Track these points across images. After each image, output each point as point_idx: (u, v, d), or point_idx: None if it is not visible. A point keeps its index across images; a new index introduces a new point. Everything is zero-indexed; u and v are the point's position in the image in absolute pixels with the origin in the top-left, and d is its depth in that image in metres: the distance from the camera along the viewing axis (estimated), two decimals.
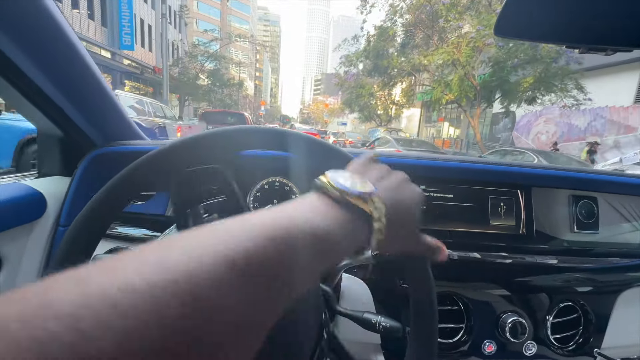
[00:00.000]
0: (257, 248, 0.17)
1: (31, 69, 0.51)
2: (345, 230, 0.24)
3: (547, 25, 0.49)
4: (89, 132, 0.66)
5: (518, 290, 0.72)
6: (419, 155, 0.80)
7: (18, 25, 0.45)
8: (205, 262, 0.15)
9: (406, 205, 0.30)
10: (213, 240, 0.17)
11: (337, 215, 0.24)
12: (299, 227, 0.20)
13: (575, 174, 0.77)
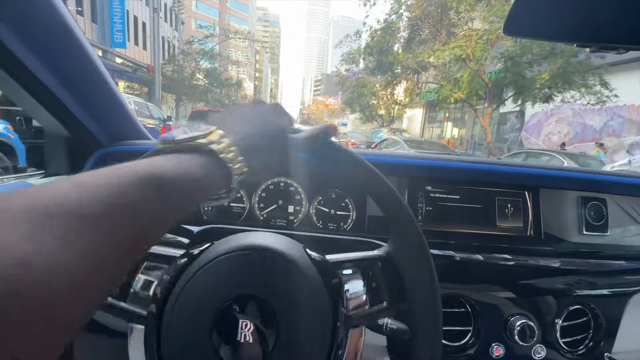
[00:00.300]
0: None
1: (39, 69, 0.51)
2: (189, 169, 0.27)
3: (557, 23, 0.49)
4: (95, 131, 0.67)
5: (526, 292, 0.70)
6: (423, 155, 0.77)
7: (27, 24, 0.46)
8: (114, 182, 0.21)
9: (262, 131, 0.34)
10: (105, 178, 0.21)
11: (177, 161, 0.27)
12: (147, 174, 0.23)
13: (584, 175, 0.76)
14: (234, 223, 0.74)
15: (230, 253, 0.32)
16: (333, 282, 0.35)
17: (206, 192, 0.29)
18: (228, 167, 0.30)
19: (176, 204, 0.25)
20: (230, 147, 0.30)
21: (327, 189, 0.77)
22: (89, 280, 0.18)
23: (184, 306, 0.30)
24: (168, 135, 0.30)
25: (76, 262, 0.17)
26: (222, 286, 0.31)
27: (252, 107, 0.38)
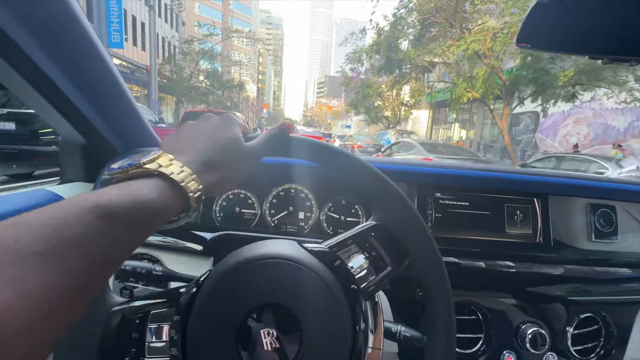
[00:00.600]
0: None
1: (57, 75, 0.51)
2: (139, 196, 0.26)
3: (569, 36, 0.50)
4: (110, 139, 0.67)
5: (537, 300, 0.71)
6: (432, 163, 0.78)
7: (45, 30, 0.46)
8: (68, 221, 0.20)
9: (214, 145, 0.34)
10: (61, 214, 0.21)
11: (125, 189, 0.26)
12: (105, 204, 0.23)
13: (592, 183, 0.76)
14: (245, 229, 0.75)
15: (231, 272, 0.32)
16: (336, 264, 0.35)
17: (161, 215, 0.28)
18: (181, 187, 0.29)
19: (128, 231, 0.25)
20: (182, 167, 0.30)
21: (337, 196, 0.78)
22: (38, 322, 0.17)
23: (204, 337, 0.31)
24: (117, 164, 0.29)
25: (21, 303, 0.16)
26: (234, 305, 0.32)
27: (201, 122, 0.37)
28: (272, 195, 0.78)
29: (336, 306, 0.32)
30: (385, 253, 0.41)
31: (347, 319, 0.33)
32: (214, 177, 0.33)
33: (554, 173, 0.78)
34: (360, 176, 0.41)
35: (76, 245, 0.20)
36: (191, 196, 0.30)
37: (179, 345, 0.32)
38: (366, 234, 0.41)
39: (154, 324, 0.36)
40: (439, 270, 0.40)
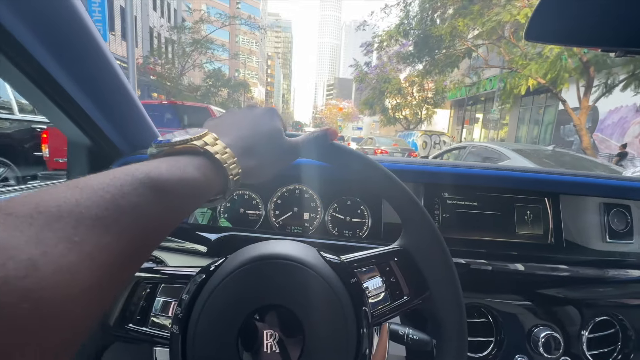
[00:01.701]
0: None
1: (63, 77, 0.51)
2: (186, 172, 0.26)
3: (581, 28, 0.49)
4: (116, 140, 0.67)
5: (549, 302, 0.69)
6: (438, 162, 0.75)
7: (51, 31, 0.46)
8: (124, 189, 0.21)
9: (256, 132, 0.35)
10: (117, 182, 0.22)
11: (174, 163, 0.26)
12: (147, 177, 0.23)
13: (606, 182, 0.73)
14: (250, 230, 0.74)
15: (246, 265, 0.32)
16: (352, 282, 0.34)
17: (203, 193, 0.28)
18: (224, 168, 0.30)
19: (175, 205, 0.25)
20: (225, 149, 0.30)
21: (342, 196, 0.77)
22: (95, 283, 0.18)
23: (207, 323, 0.31)
24: (163, 139, 0.30)
25: (82, 264, 0.17)
26: (243, 299, 0.31)
27: (245, 110, 0.38)
28: (277, 195, 0.77)
29: (344, 324, 0.32)
30: (405, 282, 0.39)
31: (352, 340, 0.32)
32: (252, 163, 0.34)
33: (565, 172, 0.75)
34: (396, 197, 0.40)
35: (130, 214, 0.21)
36: (231, 179, 0.30)
37: (180, 325, 0.31)
38: (388, 257, 0.40)
39: (163, 297, 0.37)
40: (459, 314, 0.38)
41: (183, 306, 0.32)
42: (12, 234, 0.15)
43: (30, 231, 0.16)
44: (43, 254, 0.15)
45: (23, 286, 0.14)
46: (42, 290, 0.15)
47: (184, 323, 0.31)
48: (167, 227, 0.25)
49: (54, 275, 0.15)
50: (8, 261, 0.14)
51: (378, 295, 0.38)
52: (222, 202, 0.33)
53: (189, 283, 0.33)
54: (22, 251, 0.15)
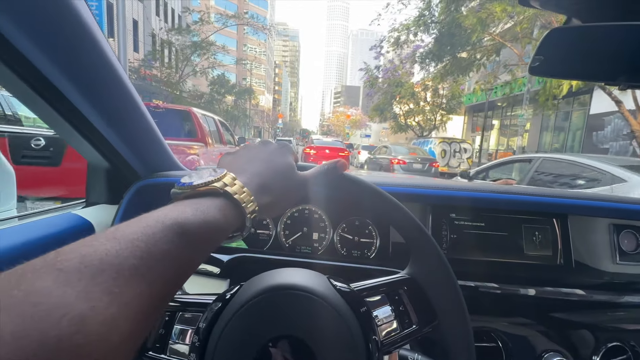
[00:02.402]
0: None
1: (83, 105, 0.53)
2: (209, 215, 0.28)
3: (583, 64, 0.50)
4: (133, 163, 0.68)
5: (560, 326, 0.68)
6: (445, 185, 0.72)
7: (71, 60, 0.47)
8: (154, 236, 0.22)
9: (270, 169, 0.36)
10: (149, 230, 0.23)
11: (197, 207, 0.28)
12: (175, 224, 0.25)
13: (614, 205, 0.70)
14: (260, 251, 0.75)
15: (260, 295, 0.33)
16: (362, 311, 0.35)
17: (224, 233, 0.30)
18: (242, 208, 0.31)
19: (200, 247, 0.27)
20: (243, 188, 0.32)
21: (351, 217, 0.77)
22: (132, 330, 0.19)
23: (224, 351, 0.32)
24: (186, 181, 0.31)
25: (121, 314, 0.18)
26: (258, 329, 0.32)
27: (259, 146, 0.39)
28: (287, 216, 0.77)
29: (355, 353, 0.33)
30: (413, 311, 0.40)
31: None
32: (268, 199, 0.35)
33: (573, 194, 0.74)
34: (404, 227, 0.41)
35: (161, 260, 0.22)
36: (248, 217, 0.32)
37: (197, 353, 0.32)
38: (398, 286, 0.41)
39: (180, 325, 0.38)
40: (467, 342, 0.39)
41: (200, 334, 0.33)
42: (64, 290, 0.16)
43: (79, 286, 0.17)
44: (91, 309, 0.16)
45: (75, 342, 0.15)
46: (89, 345, 0.15)
47: (201, 351, 0.32)
48: (193, 268, 0.27)
49: (99, 328, 0.16)
50: (62, 319, 0.15)
51: (388, 324, 0.39)
52: (239, 239, 0.34)
53: (206, 311, 0.35)
54: (74, 307, 0.16)
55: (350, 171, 0.45)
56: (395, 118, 17.94)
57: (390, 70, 15.96)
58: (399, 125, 17.99)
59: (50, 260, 0.18)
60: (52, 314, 0.15)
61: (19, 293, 0.15)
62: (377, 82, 16.50)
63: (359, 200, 0.43)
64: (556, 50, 0.49)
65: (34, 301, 0.15)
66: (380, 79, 16.56)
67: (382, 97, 17.24)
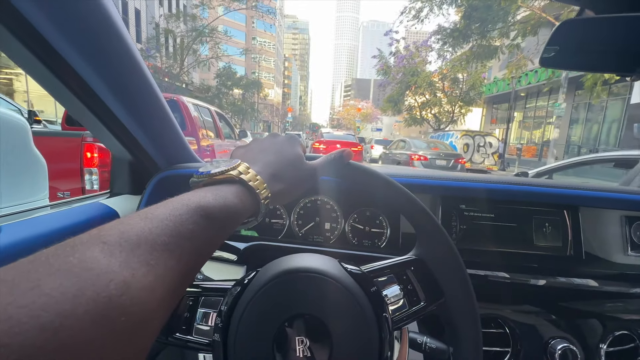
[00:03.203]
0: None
1: (109, 99, 0.56)
2: (227, 199, 0.30)
3: (595, 55, 0.49)
4: (154, 156, 0.71)
5: (567, 315, 0.69)
6: (455, 176, 0.73)
7: (99, 55, 0.49)
8: (182, 218, 0.25)
9: (280, 159, 0.39)
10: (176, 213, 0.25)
11: (217, 192, 0.30)
12: (197, 206, 0.27)
13: (626, 196, 0.70)
14: (275, 240, 0.77)
15: (277, 278, 0.35)
16: (372, 290, 0.37)
17: (241, 217, 0.32)
18: (256, 194, 0.34)
19: (220, 229, 0.29)
20: (256, 176, 0.35)
21: (362, 207, 0.79)
22: (165, 298, 0.21)
23: (245, 331, 0.34)
24: (203, 170, 0.34)
25: (157, 283, 0.21)
26: (275, 309, 0.34)
27: (269, 138, 0.42)
28: (300, 206, 0.80)
29: (367, 329, 0.34)
30: (421, 289, 0.42)
31: (375, 343, 0.34)
32: (280, 187, 0.37)
33: (584, 186, 0.72)
34: (410, 211, 0.43)
35: (189, 239, 0.25)
36: (262, 202, 0.34)
37: (221, 333, 0.35)
38: (405, 266, 0.43)
39: (203, 309, 0.40)
40: (473, 319, 0.41)
41: (222, 316, 0.35)
42: (110, 260, 0.19)
43: (120, 257, 0.19)
44: (132, 276, 0.19)
45: (121, 302, 0.17)
46: (133, 306, 0.18)
47: (224, 331, 0.35)
48: (214, 248, 0.29)
49: (140, 293, 0.19)
50: (110, 283, 0.17)
51: (397, 302, 0.41)
52: (254, 223, 0.37)
53: (227, 295, 0.37)
54: (118, 274, 0.18)
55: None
56: (410, 110, 16.87)
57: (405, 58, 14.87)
58: (414, 118, 16.93)
59: (95, 234, 0.20)
60: (102, 278, 0.17)
61: (74, 260, 0.18)
62: (391, 71, 15.45)
63: (365, 187, 0.44)
64: (569, 41, 0.49)
65: (87, 267, 0.17)
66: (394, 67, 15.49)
67: (397, 88, 16.17)
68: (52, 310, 0.15)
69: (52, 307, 0.15)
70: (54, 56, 0.45)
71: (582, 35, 0.48)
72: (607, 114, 13.11)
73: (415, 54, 14.78)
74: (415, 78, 14.32)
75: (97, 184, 2.28)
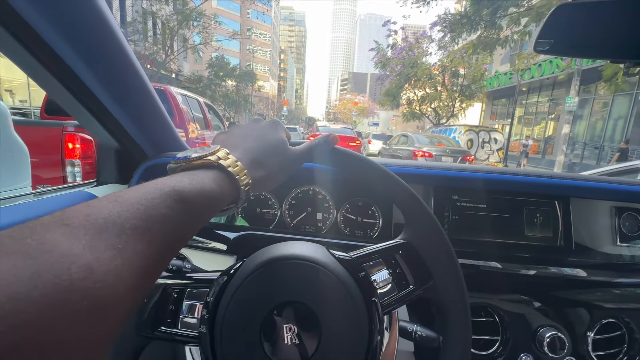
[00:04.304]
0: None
1: (96, 86, 0.55)
2: (204, 184, 0.29)
3: (589, 41, 0.49)
4: (142, 144, 0.70)
5: (556, 304, 0.70)
6: (448, 166, 0.75)
7: (85, 42, 0.49)
8: (154, 203, 0.24)
9: (262, 145, 0.38)
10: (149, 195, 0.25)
11: (193, 177, 0.29)
12: (171, 190, 0.26)
13: (617, 186, 0.72)
14: (266, 229, 0.76)
15: (263, 266, 0.35)
16: (361, 275, 0.37)
17: (219, 203, 0.31)
18: (236, 180, 0.33)
19: (196, 215, 0.28)
20: (236, 162, 0.34)
21: (354, 197, 0.79)
22: (134, 283, 0.21)
23: (231, 321, 0.34)
24: (181, 155, 0.33)
25: (124, 268, 0.20)
26: (262, 298, 0.34)
27: (251, 124, 0.41)
28: (292, 196, 0.79)
29: (356, 314, 0.34)
30: (410, 272, 0.42)
31: (365, 328, 0.34)
32: (261, 173, 0.37)
33: (576, 176, 0.75)
34: (397, 194, 0.42)
35: (160, 223, 0.24)
36: (242, 189, 0.34)
37: (207, 324, 0.34)
38: (393, 251, 0.43)
39: (189, 301, 0.40)
40: (462, 299, 0.41)
41: (209, 308, 0.35)
42: (72, 242, 0.18)
43: (85, 240, 0.19)
44: (96, 260, 0.18)
45: (83, 286, 0.17)
46: (97, 289, 0.17)
47: (211, 322, 0.34)
48: (189, 234, 0.28)
49: (105, 277, 0.18)
50: (72, 266, 0.17)
51: (386, 287, 0.41)
52: (234, 210, 0.37)
53: (213, 286, 0.36)
54: (81, 257, 0.18)
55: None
56: (409, 104, 16.29)
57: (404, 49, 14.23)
58: (412, 112, 16.36)
59: (57, 217, 0.19)
60: (63, 261, 0.17)
61: (32, 242, 0.17)
62: (389, 63, 14.81)
63: (350, 172, 0.44)
64: (564, 26, 0.48)
65: (45, 249, 0.17)
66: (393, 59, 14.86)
67: (395, 81, 15.54)
68: (2, 293, 0.14)
69: (1, 290, 0.14)
70: (36, 40, 0.44)
71: (577, 20, 0.48)
72: (614, 110, 12.67)
73: (414, 45, 14.15)
74: (415, 70, 13.73)
75: (80, 177, 2.16)
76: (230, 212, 0.37)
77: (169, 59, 14.40)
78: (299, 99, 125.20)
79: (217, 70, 19.34)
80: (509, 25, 7.13)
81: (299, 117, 78.89)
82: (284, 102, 45.24)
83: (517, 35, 7.23)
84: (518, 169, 0.73)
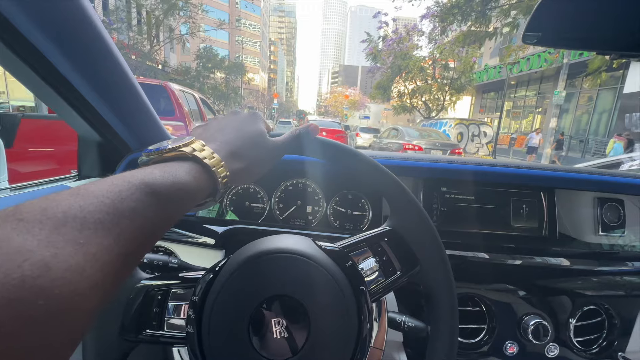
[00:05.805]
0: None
1: (76, 79, 0.54)
2: (178, 177, 0.28)
3: (577, 33, 0.50)
4: (125, 136, 0.69)
5: (540, 292, 0.72)
6: (437, 158, 0.76)
7: (64, 34, 0.48)
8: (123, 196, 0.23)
9: (240, 137, 0.37)
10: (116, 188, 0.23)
11: (165, 169, 0.28)
12: (140, 183, 0.25)
13: (601, 177, 0.74)
14: (255, 223, 0.76)
15: (249, 261, 0.34)
16: (348, 265, 0.37)
17: (194, 196, 0.30)
18: (212, 172, 0.31)
19: (168, 208, 0.26)
20: (213, 154, 0.32)
21: (344, 190, 0.78)
22: (100, 280, 0.19)
23: (218, 319, 0.33)
24: (153, 147, 0.32)
25: (87, 264, 0.18)
26: (249, 293, 0.34)
27: (230, 116, 0.40)
28: (281, 189, 0.79)
29: (344, 304, 0.34)
30: (396, 259, 0.42)
31: (354, 317, 0.34)
32: (239, 166, 0.35)
33: (560, 167, 0.76)
34: (381, 183, 0.42)
35: (128, 217, 0.22)
36: (220, 181, 0.32)
37: (194, 324, 0.34)
38: (379, 238, 0.42)
39: (174, 302, 0.39)
40: (448, 283, 0.41)
41: (195, 307, 0.34)
42: (25, 238, 0.17)
43: (41, 235, 0.17)
44: (54, 256, 0.17)
45: (38, 284, 0.15)
46: (54, 288, 0.16)
47: (198, 322, 0.34)
48: (162, 229, 0.27)
49: (64, 274, 0.17)
50: (24, 263, 0.16)
51: (373, 274, 0.41)
52: (212, 204, 0.36)
53: (198, 285, 0.35)
54: (35, 253, 0.16)
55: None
56: (400, 97, 16.25)
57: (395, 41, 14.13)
58: (403, 106, 16.34)
59: (10, 212, 0.18)
60: (13, 258, 0.15)
61: None
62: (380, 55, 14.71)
63: (333, 162, 0.43)
64: (551, 18, 0.49)
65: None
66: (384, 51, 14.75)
67: (386, 73, 15.46)
68: None
69: None
70: (9, 29, 0.43)
71: (564, 12, 0.48)
72: (598, 104, 12.89)
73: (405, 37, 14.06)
74: (406, 62, 13.66)
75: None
76: (207, 206, 0.35)
77: (154, 50, 13.96)
78: (289, 92, 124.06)
79: (205, 62, 18.93)
80: (497, 17, 7.12)
81: (289, 110, 78.23)
82: (275, 95, 44.64)
83: (506, 27, 7.23)
84: (505, 161, 0.74)
